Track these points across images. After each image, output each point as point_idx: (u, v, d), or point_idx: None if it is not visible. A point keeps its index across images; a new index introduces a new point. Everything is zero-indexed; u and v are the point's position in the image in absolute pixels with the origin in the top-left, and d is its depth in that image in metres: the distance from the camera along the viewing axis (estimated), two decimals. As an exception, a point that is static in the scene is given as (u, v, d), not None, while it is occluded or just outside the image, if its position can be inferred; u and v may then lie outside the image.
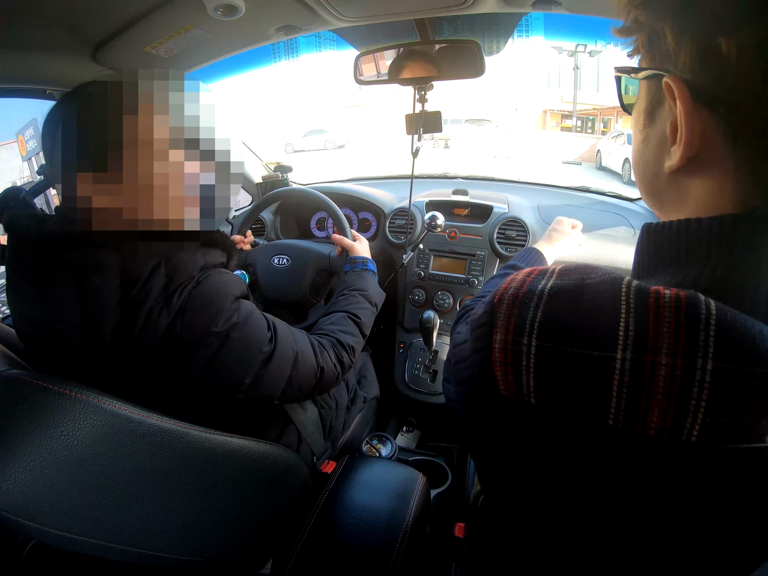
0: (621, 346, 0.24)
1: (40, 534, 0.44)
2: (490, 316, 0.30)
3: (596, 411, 0.25)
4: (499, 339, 0.29)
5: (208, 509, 0.59)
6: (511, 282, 0.31)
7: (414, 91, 1.00)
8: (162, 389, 0.56)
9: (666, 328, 0.24)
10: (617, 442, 0.25)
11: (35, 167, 3.99)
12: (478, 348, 0.30)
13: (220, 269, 0.60)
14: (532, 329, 0.27)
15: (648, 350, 0.24)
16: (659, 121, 0.31)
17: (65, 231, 0.51)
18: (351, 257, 0.98)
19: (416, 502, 0.78)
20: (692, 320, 0.23)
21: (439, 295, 1.26)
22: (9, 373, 0.44)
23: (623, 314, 0.25)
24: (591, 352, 0.25)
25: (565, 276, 0.29)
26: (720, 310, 0.23)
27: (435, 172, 1.85)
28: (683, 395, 0.23)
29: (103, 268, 0.51)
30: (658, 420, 0.24)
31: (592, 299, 0.26)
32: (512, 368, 0.28)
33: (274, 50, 29.23)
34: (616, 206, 1.39)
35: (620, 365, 0.24)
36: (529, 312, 0.28)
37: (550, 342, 0.26)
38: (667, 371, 0.23)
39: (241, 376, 0.60)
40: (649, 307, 0.24)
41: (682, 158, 0.28)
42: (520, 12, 0.83)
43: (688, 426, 0.23)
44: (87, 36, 0.85)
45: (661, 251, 0.30)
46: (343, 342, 0.78)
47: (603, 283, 0.27)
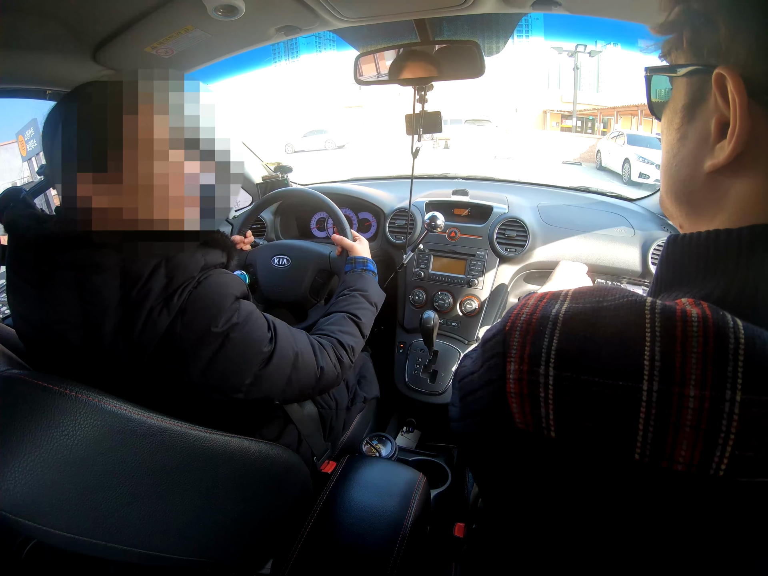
0: (647, 376, 0.23)
1: (40, 534, 0.44)
2: (502, 345, 0.28)
3: (622, 445, 0.24)
4: (514, 369, 0.27)
5: (208, 509, 0.59)
6: (522, 308, 0.29)
7: (414, 92, 1.00)
8: (162, 389, 0.56)
9: (694, 358, 0.23)
10: (643, 478, 0.24)
11: (35, 167, 3.99)
12: (491, 379, 0.29)
13: (220, 269, 0.60)
14: (548, 358, 0.26)
15: (676, 382, 0.23)
16: (701, 118, 0.29)
17: (65, 231, 0.51)
18: (351, 257, 0.98)
19: (416, 502, 0.78)
20: (720, 350, 0.22)
21: (439, 295, 1.26)
22: (9, 373, 0.44)
23: (648, 342, 0.24)
24: (615, 382, 0.24)
25: (580, 299, 0.28)
26: (749, 337, 0.22)
27: (435, 172, 1.86)
28: (712, 428, 0.22)
29: (103, 268, 0.51)
30: (686, 454, 0.23)
31: (611, 324, 0.25)
32: (529, 400, 0.26)
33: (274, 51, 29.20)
34: (616, 206, 1.39)
35: (647, 396, 0.23)
36: (544, 340, 0.26)
37: (569, 371, 0.25)
38: (695, 403, 0.22)
39: (241, 376, 0.60)
40: (676, 337, 0.23)
41: (731, 155, 0.27)
42: (520, 12, 0.83)
43: (716, 460, 0.22)
44: (87, 36, 0.85)
45: (687, 263, 0.29)
46: (343, 342, 0.78)
47: (622, 306, 0.26)
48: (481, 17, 0.85)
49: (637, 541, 0.26)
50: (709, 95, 0.28)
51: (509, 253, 1.23)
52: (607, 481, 0.25)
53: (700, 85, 0.29)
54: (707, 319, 0.23)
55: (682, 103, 0.31)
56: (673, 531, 0.25)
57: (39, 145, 4.11)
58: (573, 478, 0.26)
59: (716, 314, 0.23)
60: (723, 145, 0.27)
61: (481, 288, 1.23)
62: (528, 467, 0.28)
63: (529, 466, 0.28)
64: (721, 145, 0.28)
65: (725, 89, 0.26)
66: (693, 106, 0.30)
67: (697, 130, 0.30)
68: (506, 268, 1.25)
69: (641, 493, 0.25)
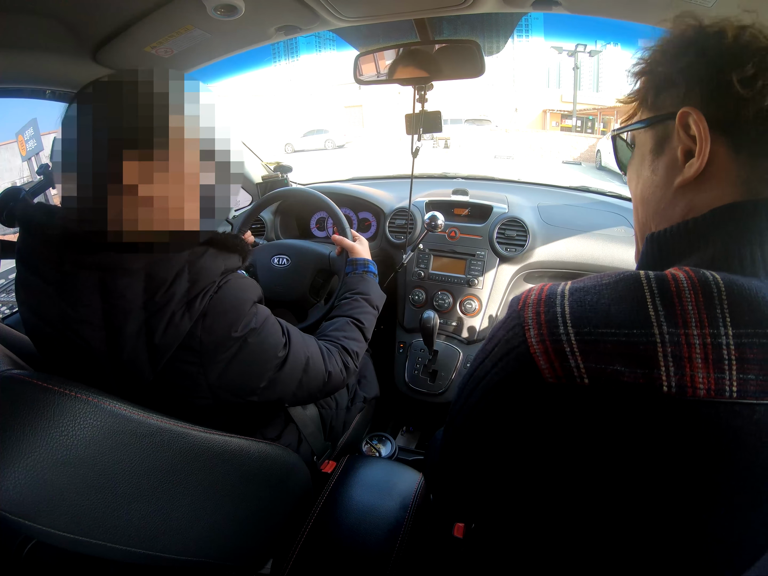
0: (656, 323, 0.28)
1: (40, 534, 0.44)
2: (518, 318, 0.32)
3: (651, 380, 0.27)
4: (534, 333, 0.30)
5: (208, 509, 0.59)
6: (529, 291, 0.34)
7: (414, 91, 1.00)
8: (177, 391, 0.57)
9: (690, 306, 0.28)
10: (674, 408, 0.27)
11: (35, 167, 3.98)
12: (511, 348, 0.32)
13: (237, 274, 0.61)
14: (564, 320, 0.30)
15: (680, 325, 0.28)
16: (668, 152, 0.38)
17: (93, 231, 0.50)
18: (351, 259, 0.98)
19: (416, 502, 0.78)
20: (708, 297, 0.28)
21: (439, 295, 1.26)
22: (9, 373, 0.44)
23: (649, 299, 0.29)
24: (630, 331, 0.28)
25: (580, 281, 0.33)
26: (727, 285, 0.28)
27: (435, 172, 1.85)
28: (717, 357, 0.27)
29: (130, 272, 0.51)
30: (704, 381, 0.27)
31: (613, 292, 0.30)
32: (556, 355, 0.29)
33: (274, 50, 29.20)
34: (616, 206, 1.39)
35: (660, 339, 0.27)
36: (557, 308, 0.30)
37: (587, 327, 0.29)
38: (700, 340, 0.27)
39: (256, 379, 0.61)
40: (672, 292, 0.28)
41: (699, 167, 0.35)
42: (520, 12, 0.83)
43: (728, 383, 0.27)
44: (87, 36, 0.85)
45: (667, 250, 0.35)
46: (348, 348, 0.79)
47: (620, 281, 0.30)
48: (481, 17, 0.85)
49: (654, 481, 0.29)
50: (673, 133, 0.37)
51: (509, 253, 1.23)
52: (640, 417, 0.28)
53: (664, 128, 0.38)
54: (692, 278, 0.29)
55: (648, 148, 0.40)
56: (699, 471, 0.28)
57: (39, 144, 4.10)
58: (604, 421, 0.29)
59: (698, 273, 0.29)
60: (692, 163, 0.35)
61: (481, 288, 1.23)
62: (556, 422, 0.31)
63: (558, 421, 0.30)
64: (690, 163, 0.36)
65: (687, 125, 0.35)
66: (660, 145, 0.39)
67: (665, 161, 0.39)
68: (506, 267, 1.24)
69: (672, 425, 0.28)
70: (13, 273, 0.97)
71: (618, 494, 0.30)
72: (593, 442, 0.30)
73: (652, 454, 0.29)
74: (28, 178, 4.32)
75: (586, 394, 0.29)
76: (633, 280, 0.30)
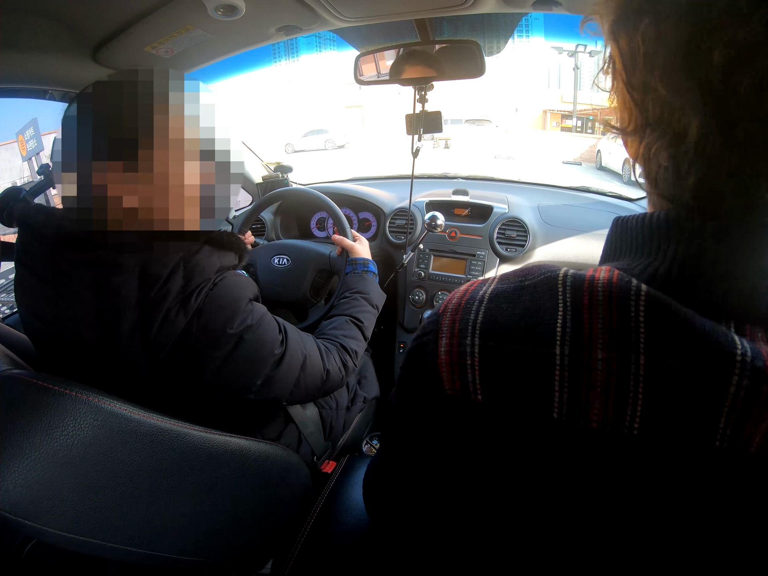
0: (559, 342, 0.25)
1: (40, 534, 0.44)
2: (435, 324, 0.31)
3: (541, 404, 0.26)
4: (445, 343, 0.30)
5: (208, 509, 0.59)
6: (455, 293, 0.32)
7: (414, 91, 1.00)
8: (173, 389, 0.57)
9: (600, 324, 0.25)
10: (562, 435, 0.26)
11: (35, 167, 3.99)
12: (425, 353, 0.31)
13: (233, 271, 0.61)
14: (474, 331, 0.28)
15: (585, 346, 0.25)
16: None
17: (87, 230, 0.50)
18: (352, 258, 0.98)
19: (416, 502, 0.78)
20: (623, 315, 0.24)
21: (439, 295, 1.26)
22: (9, 373, 0.44)
23: (560, 311, 0.26)
24: (533, 349, 0.26)
25: (504, 281, 0.31)
26: (650, 304, 0.24)
27: (435, 172, 1.85)
28: (621, 388, 0.24)
29: (124, 269, 0.51)
30: (599, 413, 0.25)
31: (531, 299, 0.28)
32: (458, 368, 0.28)
33: (274, 50, 29.21)
34: (616, 206, 1.39)
35: (560, 360, 0.25)
36: (470, 315, 0.29)
37: (493, 341, 0.27)
38: (604, 365, 0.24)
39: (252, 377, 0.61)
40: (583, 305, 0.25)
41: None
42: (520, 12, 0.83)
43: (629, 419, 0.24)
44: (87, 36, 0.84)
45: (624, 239, 0.32)
46: (347, 347, 0.79)
47: (540, 283, 0.28)
48: (482, 17, 0.86)
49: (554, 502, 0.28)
50: None
51: (509, 253, 1.23)
52: (530, 440, 0.27)
53: None
54: (612, 286, 0.25)
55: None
56: (591, 489, 0.27)
57: (39, 144, 4.10)
58: (498, 439, 0.28)
59: (622, 281, 0.25)
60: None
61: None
62: (456, 432, 0.30)
63: (457, 431, 0.30)
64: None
65: None
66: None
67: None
68: (506, 268, 1.24)
69: (561, 451, 0.26)
70: (13, 273, 0.97)
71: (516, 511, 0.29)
72: (490, 457, 0.29)
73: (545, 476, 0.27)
74: (29, 178, 4.34)
75: (479, 410, 0.28)
76: (551, 286, 0.27)
